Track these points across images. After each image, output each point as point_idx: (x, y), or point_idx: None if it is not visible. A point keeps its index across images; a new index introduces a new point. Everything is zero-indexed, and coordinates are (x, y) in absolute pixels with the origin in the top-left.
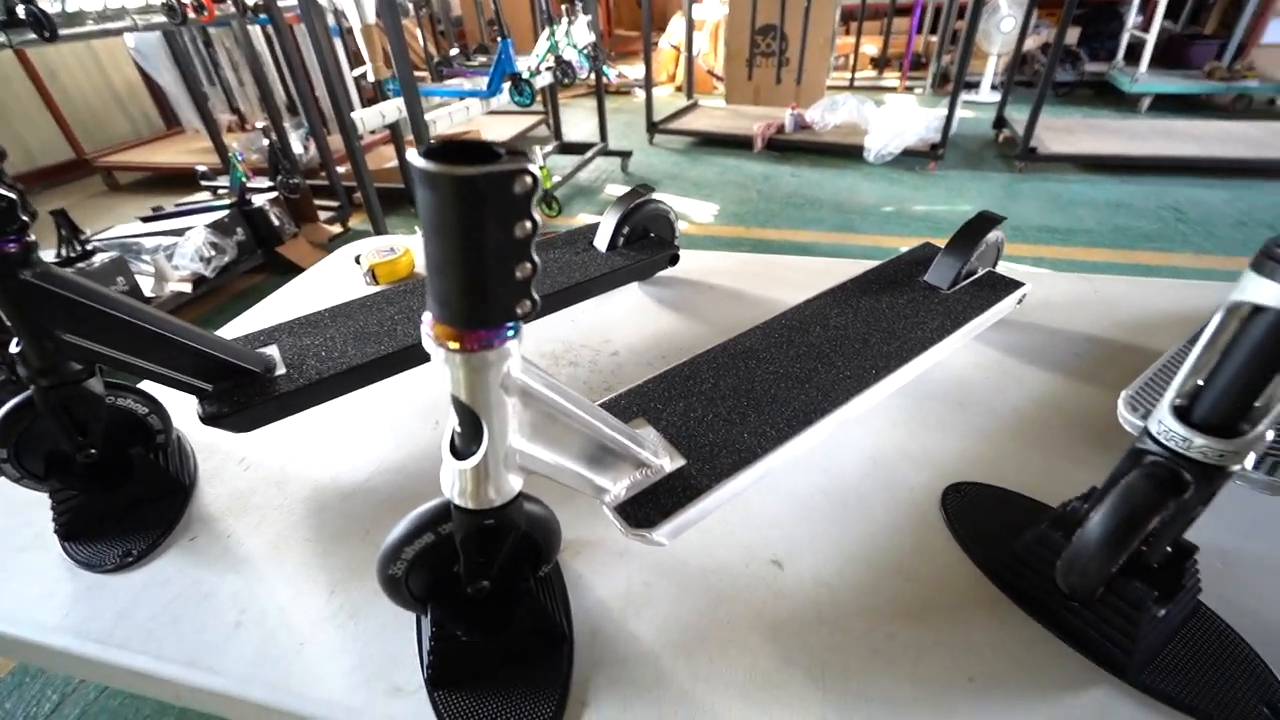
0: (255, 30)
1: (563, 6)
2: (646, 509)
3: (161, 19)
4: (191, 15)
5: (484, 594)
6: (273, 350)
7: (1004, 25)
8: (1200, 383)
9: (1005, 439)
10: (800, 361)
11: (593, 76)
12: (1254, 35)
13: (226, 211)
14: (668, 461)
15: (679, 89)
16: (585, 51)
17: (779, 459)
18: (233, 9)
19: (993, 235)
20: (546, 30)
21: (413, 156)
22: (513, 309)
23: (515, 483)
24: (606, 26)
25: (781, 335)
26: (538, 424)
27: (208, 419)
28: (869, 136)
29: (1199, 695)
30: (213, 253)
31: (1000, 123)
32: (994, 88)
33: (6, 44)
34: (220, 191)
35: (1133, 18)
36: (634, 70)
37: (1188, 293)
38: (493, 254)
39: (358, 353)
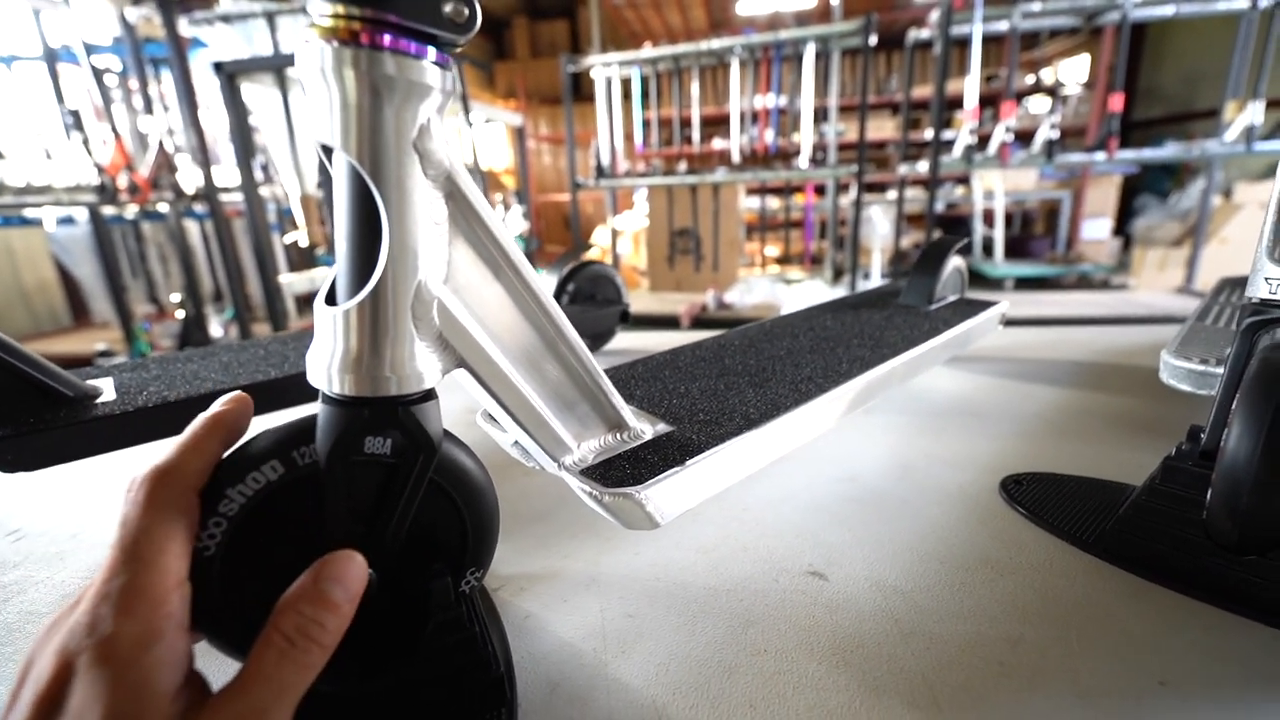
0: (191, 223)
1: (497, 196)
2: (627, 469)
3: (90, 198)
4: (124, 198)
5: (366, 599)
6: (105, 381)
7: (880, 229)
8: None
9: (1042, 437)
10: (790, 353)
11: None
12: (1074, 234)
13: None
14: (649, 429)
15: None
16: (521, 235)
17: (796, 431)
18: (170, 194)
19: (955, 261)
20: None
21: None
22: (440, 5)
23: (430, 366)
24: (538, 243)
25: (762, 335)
26: (477, 278)
27: None
28: (785, 310)
29: None
30: None
31: None
32: (883, 276)
33: None
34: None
35: (978, 226)
36: None
37: (1148, 332)
38: None
39: (226, 377)
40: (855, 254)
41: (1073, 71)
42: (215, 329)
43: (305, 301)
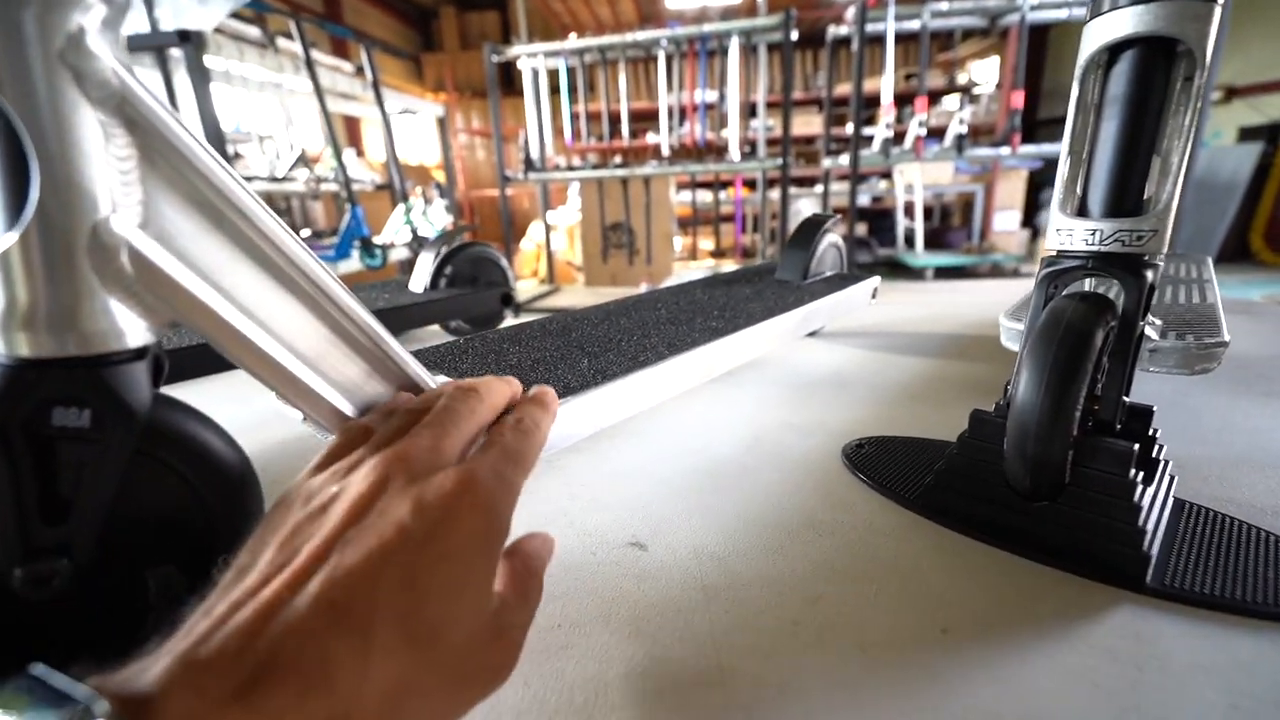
0: None
1: (418, 189)
2: None
3: None
4: None
5: (56, 593)
6: None
7: None
8: (1084, 179)
9: (896, 403)
10: (646, 324)
11: None
12: (987, 225)
13: None
14: None
15: (542, 281)
16: (444, 229)
17: (625, 399)
18: None
19: (831, 238)
20: (401, 206)
21: None
22: None
23: (131, 324)
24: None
25: (622, 309)
26: (189, 225)
27: None
28: None
29: (1242, 587)
30: None
31: None
32: None
33: None
34: None
35: (901, 218)
36: None
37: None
38: None
39: None
40: (784, 246)
41: (985, 72)
42: None
43: None
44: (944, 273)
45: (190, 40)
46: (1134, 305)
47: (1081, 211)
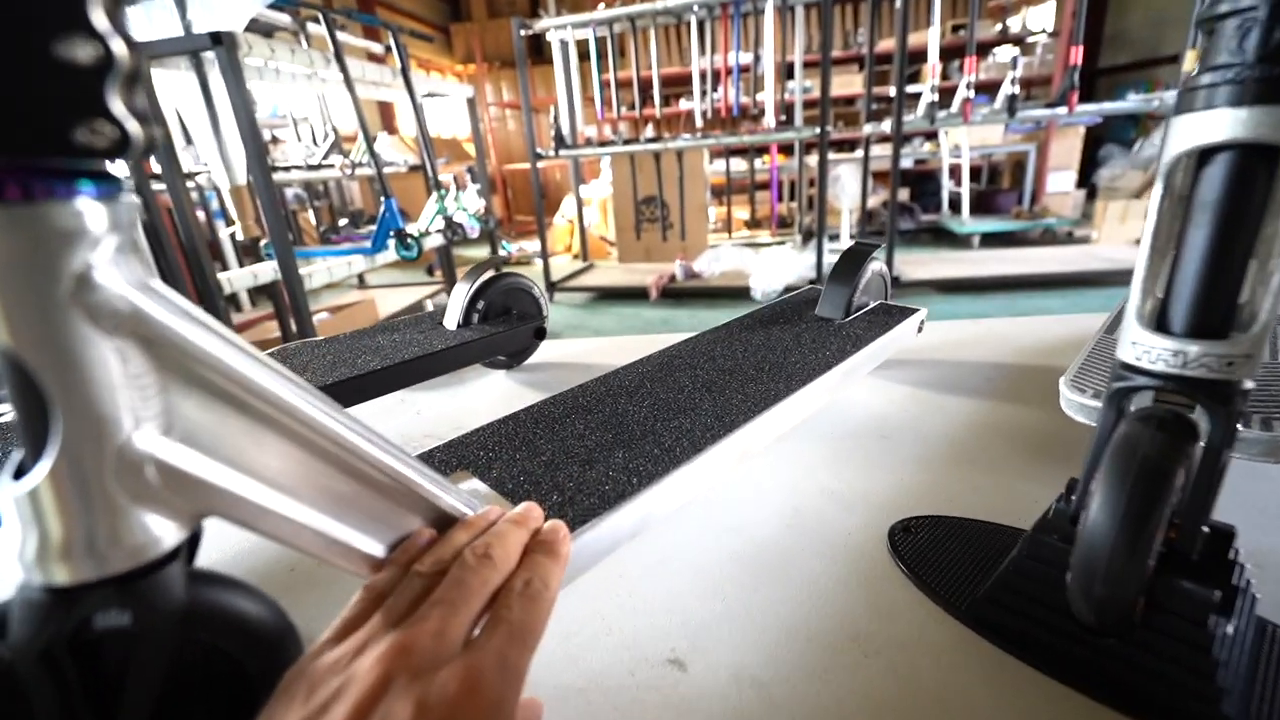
0: None
1: (447, 176)
2: None
3: None
4: None
5: None
6: None
7: (849, 189)
8: (1166, 280)
9: (944, 465)
10: (682, 394)
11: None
12: (1040, 187)
13: None
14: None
15: (576, 256)
16: (476, 214)
17: (660, 503)
18: None
19: (875, 266)
20: (434, 195)
21: None
22: (67, 132)
23: (163, 529)
24: (506, 214)
25: (658, 371)
26: (212, 419)
27: None
28: (753, 279)
29: None
30: None
31: None
32: (851, 237)
33: None
34: None
35: (946, 181)
36: (532, 245)
37: (1076, 323)
38: None
39: None
40: (822, 217)
41: (1040, 19)
42: None
43: (259, 291)
44: (991, 239)
45: (222, 42)
46: (1219, 435)
47: (1161, 324)
